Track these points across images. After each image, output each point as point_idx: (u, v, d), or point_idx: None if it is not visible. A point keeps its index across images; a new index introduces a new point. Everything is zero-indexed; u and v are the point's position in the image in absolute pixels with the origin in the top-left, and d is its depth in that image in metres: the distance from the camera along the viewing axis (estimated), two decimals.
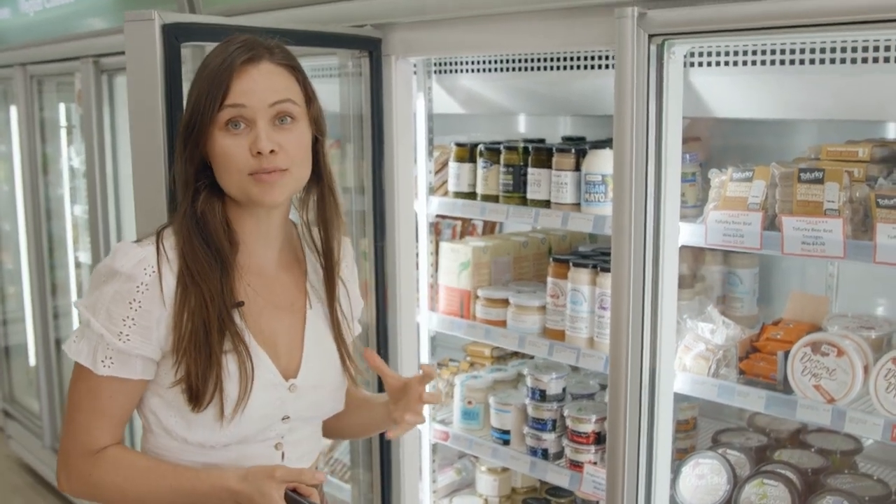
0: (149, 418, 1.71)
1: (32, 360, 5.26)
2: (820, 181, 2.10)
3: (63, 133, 4.82)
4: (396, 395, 1.84)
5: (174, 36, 2.07)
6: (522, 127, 3.57)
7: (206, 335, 1.62)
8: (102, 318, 1.62)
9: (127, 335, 1.62)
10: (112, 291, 1.62)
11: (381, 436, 2.89)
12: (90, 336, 1.64)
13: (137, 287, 1.62)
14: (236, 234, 1.71)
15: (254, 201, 1.66)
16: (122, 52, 2.14)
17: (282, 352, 1.74)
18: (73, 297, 4.83)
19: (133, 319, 1.62)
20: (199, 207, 1.66)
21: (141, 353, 1.63)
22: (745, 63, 2.27)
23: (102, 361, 1.62)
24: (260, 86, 1.63)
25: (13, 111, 5.09)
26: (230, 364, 1.65)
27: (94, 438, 1.66)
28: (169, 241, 1.68)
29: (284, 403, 1.72)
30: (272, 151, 1.62)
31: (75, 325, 1.68)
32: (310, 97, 1.72)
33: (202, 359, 1.62)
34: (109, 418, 1.66)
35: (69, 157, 4.81)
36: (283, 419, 1.73)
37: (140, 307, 1.62)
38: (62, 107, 4.79)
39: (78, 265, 4.80)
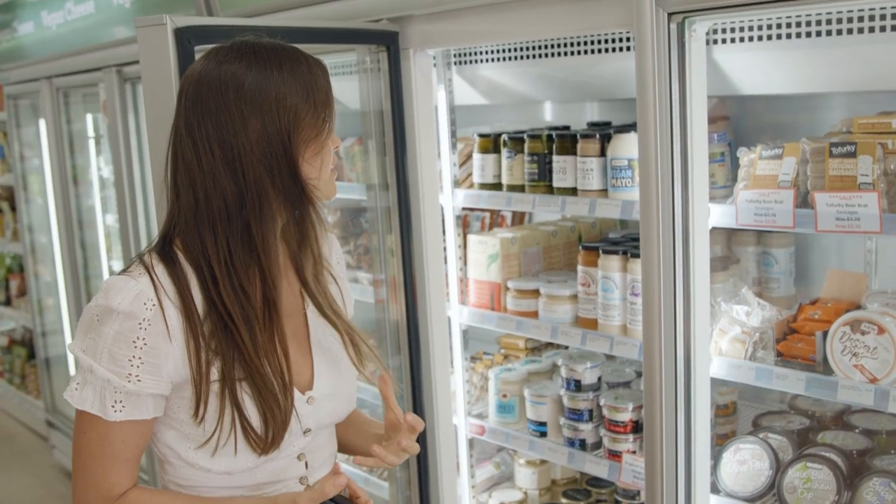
0: (165, 453, 1.64)
1: (73, 371, 5.31)
2: (852, 155, 2.04)
3: (91, 144, 4.86)
4: (390, 429, 1.75)
5: (187, 39, 2.06)
6: (548, 115, 3.53)
7: (260, 375, 1.58)
8: (106, 362, 1.52)
9: (137, 376, 1.52)
10: (112, 332, 1.52)
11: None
12: (94, 382, 1.53)
13: (140, 324, 1.52)
14: None
15: (327, 197, 1.66)
16: None
17: (291, 363, 1.67)
18: None
19: (140, 359, 1.52)
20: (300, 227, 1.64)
21: (153, 391, 1.55)
22: (769, 37, 2.21)
23: (112, 406, 1.52)
24: None
25: (42, 124, 5.14)
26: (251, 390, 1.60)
27: (112, 485, 1.57)
28: (159, 267, 1.58)
29: (304, 417, 1.67)
30: None
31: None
32: None
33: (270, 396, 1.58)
34: (125, 461, 1.57)
35: (98, 167, 4.85)
36: (304, 433, 1.68)
37: (146, 345, 1.52)
38: (89, 117, 4.83)
39: (112, 274, 4.82)
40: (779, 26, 2.19)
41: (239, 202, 1.56)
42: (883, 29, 2.04)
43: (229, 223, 1.56)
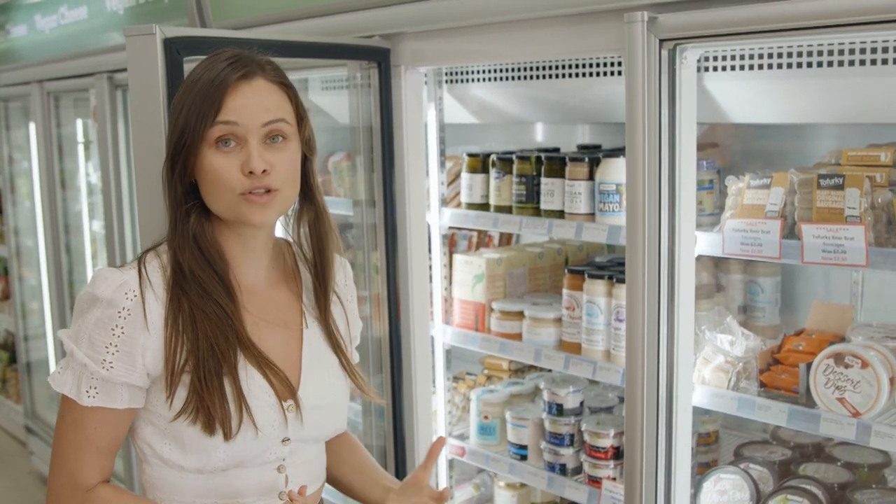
0: (143, 449, 1.66)
1: None
2: (840, 187, 2.03)
3: (81, 149, 4.83)
4: (411, 485, 1.78)
5: (176, 50, 2.04)
6: (538, 135, 3.53)
7: (216, 361, 1.58)
8: (85, 347, 1.57)
9: (111, 363, 1.56)
10: (94, 319, 1.58)
11: (396, 450, 2.85)
12: (74, 366, 1.59)
13: (119, 312, 1.57)
14: (224, 254, 1.67)
15: (243, 221, 1.63)
16: None
17: (273, 369, 1.68)
18: None
19: (116, 346, 1.56)
20: (191, 229, 1.62)
21: (126, 381, 1.58)
22: (760, 66, 2.21)
23: (87, 392, 1.57)
24: (253, 103, 1.59)
25: (32, 128, 5.11)
26: (227, 386, 1.61)
27: (82, 473, 1.60)
28: (152, 264, 1.63)
29: (281, 425, 1.67)
30: (264, 171, 1.58)
31: None
32: (302, 116, 1.69)
33: (215, 384, 1.58)
34: (97, 451, 1.60)
35: (87, 172, 4.82)
36: (282, 441, 1.68)
37: (123, 333, 1.57)
38: (79, 122, 4.81)
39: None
40: (769, 56, 2.19)
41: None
42: (874, 62, 2.04)
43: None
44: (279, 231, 1.80)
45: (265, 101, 1.61)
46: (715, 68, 2.27)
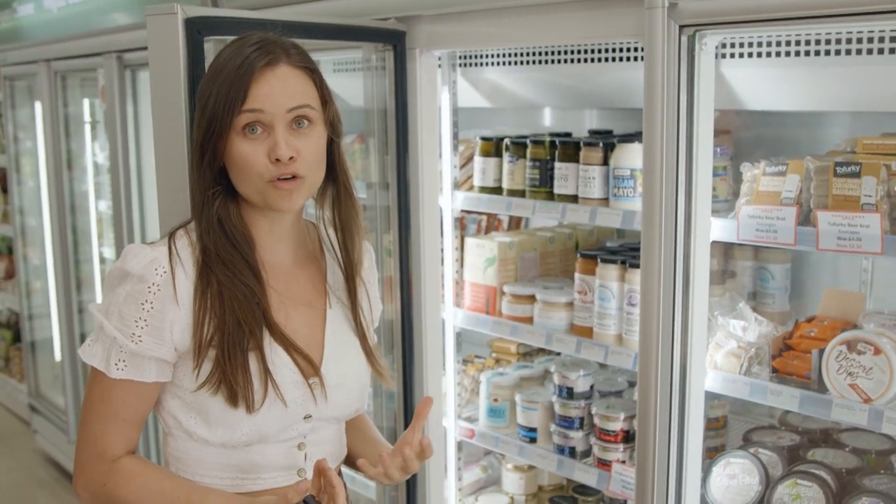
0: (168, 422, 1.69)
1: (58, 356, 5.28)
2: (857, 175, 2.04)
3: (87, 129, 4.83)
4: (402, 444, 1.75)
5: (197, 30, 2.04)
6: (547, 120, 3.53)
7: (241, 336, 1.61)
8: (115, 321, 1.60)
9: (139, 336, 1.59)
10: (124, 293, 1.61)
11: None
12: (104, 339, 1.62)
13: (149, 288, 1.59)
14: (252, 234, 1.69)
15: (271, 207, 1.65)
16: (146, 48, 2.11)
17: (296, 346, 1.71)
18: (98, 291, 4.85)
19: (145, 321, 1.59)
20: (216, 212, 1.65)
21: (154, 354, 1.61)
22: (777, 54, 2.22)
23: (116, 364, 1.60)
24: (278, 90, 1.60)
25: (38, 107, 5.11)
26: (252, 362, 1.63)
27: (108, 444, 1.63)
28: (181, 241, 1.66)
29: (305, 402, 1.70)
30: (291, 158, 1.60)
31: None
32: (326, 99, 1.70)
33: (239, 359, 1.60)
34: (123, 423, 1.64)
35: (93, 152, 4.83)
36: (304, 418, 1.71)
37: (152, 308, 1.59)
38: (86, 102, 4.80)
39: (102, 260, 4.82)
40: (787, 43, 2.20)
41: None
42: (892, 51, 2.04)
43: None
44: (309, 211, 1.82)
45: (290, 88, 1.62)
46: (732, 55, 2.27)
